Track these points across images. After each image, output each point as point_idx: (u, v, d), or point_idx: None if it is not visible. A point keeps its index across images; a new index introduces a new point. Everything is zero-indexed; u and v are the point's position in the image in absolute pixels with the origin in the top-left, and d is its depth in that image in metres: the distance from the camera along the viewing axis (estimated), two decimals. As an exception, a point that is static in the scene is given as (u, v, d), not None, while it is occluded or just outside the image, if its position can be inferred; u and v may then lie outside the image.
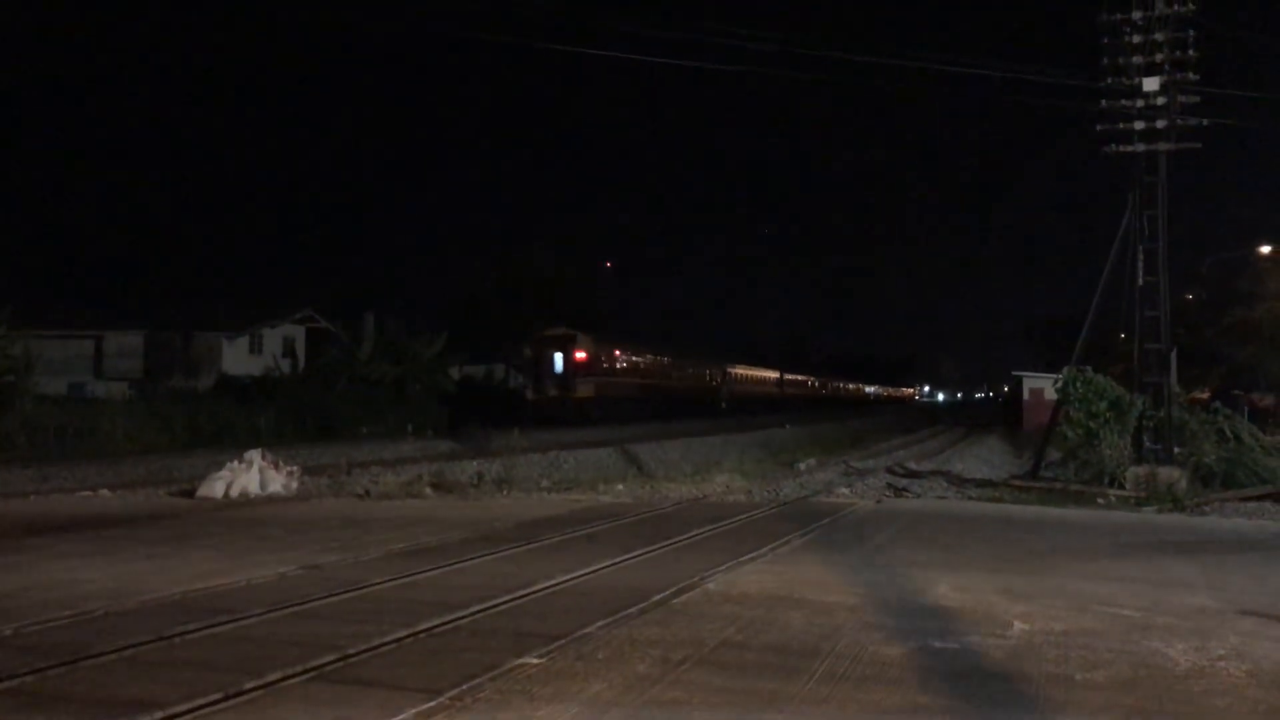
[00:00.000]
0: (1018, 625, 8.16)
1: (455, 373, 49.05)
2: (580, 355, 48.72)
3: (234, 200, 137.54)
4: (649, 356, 57.74)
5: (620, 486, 20.02)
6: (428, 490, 18.69)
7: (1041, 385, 47.36)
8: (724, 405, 66.58)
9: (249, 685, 6.21)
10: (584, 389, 48.13)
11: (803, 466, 26.46)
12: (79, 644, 7.15)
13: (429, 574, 10.25)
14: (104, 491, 18.20)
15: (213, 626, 7.79)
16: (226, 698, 5.99)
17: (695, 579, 9.93)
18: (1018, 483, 21.38)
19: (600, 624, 7.93)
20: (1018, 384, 61.69)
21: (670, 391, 58.97)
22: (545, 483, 20.62)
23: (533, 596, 9.13)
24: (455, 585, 9.62)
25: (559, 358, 48.45)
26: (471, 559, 11.19)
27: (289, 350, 49.82)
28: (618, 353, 53.17)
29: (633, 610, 8.46)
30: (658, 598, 8.98)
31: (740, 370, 75.86)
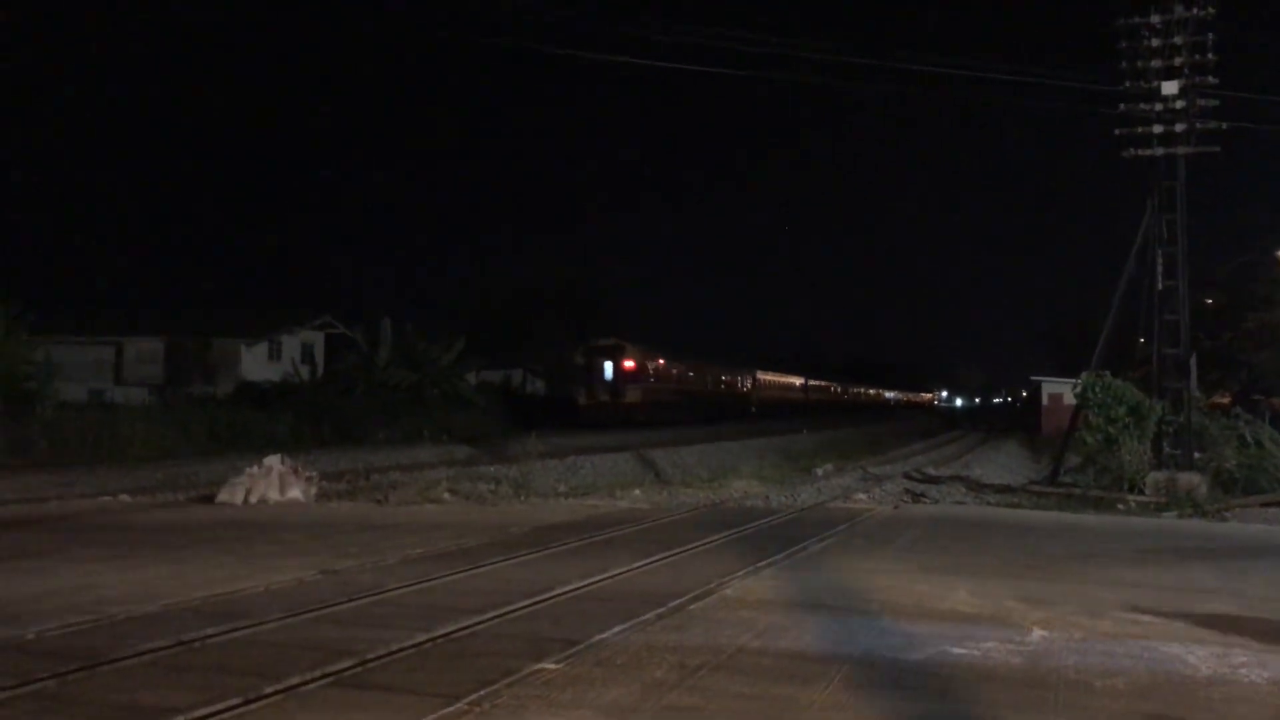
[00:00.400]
0: (1036, 631, 8.12)
1: (473, 378, 49.23)
2: (629, 364, 52.44)
3: (253, 207, 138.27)
4: (688, 365, 61.36)
5: (637, 492, 20.03)
6: (445, 495, 18.74)
7: (1060, 390, 47.21)
8: (754, 410, 69.73)
9: (268, 690, 6.23)
10: (632, 395, 51.86)
11: (820, 472, 26.42)
12: (99, 648, 7.20)
13: (447, 579, 10.27)
14: (124, 497, 18.32)
15: (232, 631, 7.82)
16: (246, 702, 6.01)
17: (712, 584, 9.92)
18: (1036, 488, 21.31)
19: (617, 629, 7.93)
20: (1036, 389, 61.50)
21: (706, 397, 62.44)
22: (562, 488, 20.64)
23: (550, 602, 9.14)
24: (473, 590, 9.64)
25: (609, 366, 52.10)
26: (489, 564, 11.21)
27: (307, 356, 50.01)
28: (661, 361, 56.55)
29: (650, 616, 8.46)
30: (675, 603, 8.98)
31: (768, 377, 79.29)
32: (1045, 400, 54.92)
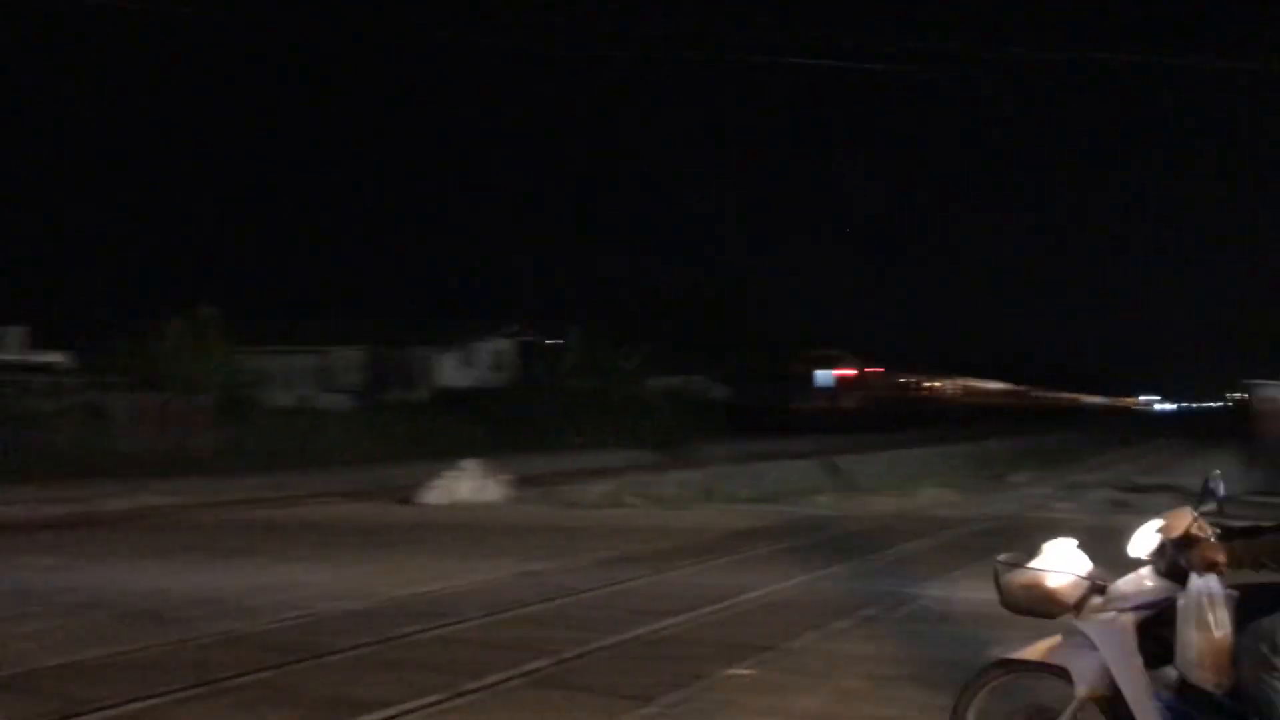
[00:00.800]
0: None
1: (655, 384, 49.75)
2: (847, 372, 56.78)
3: (453, 220, 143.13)
4: (898, 372, 64.35)
5: (823, 498, 19.78)
6: (633, 500, 18.95)
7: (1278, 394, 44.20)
8: (957, 415, 70.61)
9: (469, 687, 6.43)
10: (848, 400, 55.42)
11: (1016, 480, 25.53)
12: (311, 643, 7.58)
13: (637, 582, 10.41)
14: (331, 498, 19.24)
15: (434, 628, 8.12)
16: (448, 698, 6.22)
17: (904, 593, 9.73)
18: (1254, 499, 20.05)
19: (809, 636, 7.87)
20: (1252, 392, 57.91)
21: (913, 402, 65.15)
22: (748, 493, 20.56)
23: (739, 607, 9.14)
24: (663, 594, 9.73)
25: (826, 375, 56.34)
26: (678, 568, 11.30)
27: (500, 363, 51.46)
28: (876, 369, 59.91)
29: (840, 624, 8.36)
30: (866, 612, 8.84)
31: (970, 383, 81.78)
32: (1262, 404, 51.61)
